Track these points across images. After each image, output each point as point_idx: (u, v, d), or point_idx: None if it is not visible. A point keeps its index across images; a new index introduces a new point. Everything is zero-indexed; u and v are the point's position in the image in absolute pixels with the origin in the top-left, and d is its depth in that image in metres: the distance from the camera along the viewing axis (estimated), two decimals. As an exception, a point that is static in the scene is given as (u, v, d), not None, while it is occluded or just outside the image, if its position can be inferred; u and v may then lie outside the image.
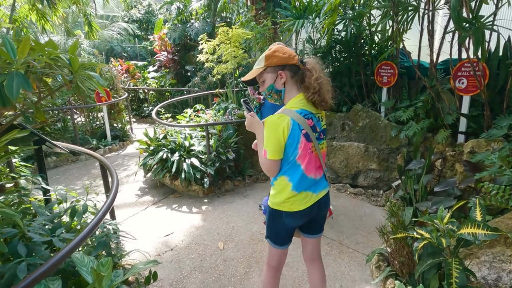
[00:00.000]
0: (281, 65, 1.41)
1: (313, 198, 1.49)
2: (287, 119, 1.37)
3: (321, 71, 1.42)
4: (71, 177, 4.53)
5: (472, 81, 2.76)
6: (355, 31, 4.01)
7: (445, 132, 2.88)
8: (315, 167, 1.47)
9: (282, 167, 1.45)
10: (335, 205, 3.47)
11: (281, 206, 1.48)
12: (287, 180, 1.44)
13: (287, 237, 1.58)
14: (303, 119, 1.39)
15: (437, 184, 2.45)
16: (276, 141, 1.37)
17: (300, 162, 1.43)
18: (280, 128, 1.36)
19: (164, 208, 3.56)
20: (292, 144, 1.39)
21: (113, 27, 12.62)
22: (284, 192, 1.45)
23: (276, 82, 1.45)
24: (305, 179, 1.44)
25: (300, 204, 1.46)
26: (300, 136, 1.38)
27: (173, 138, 4.09)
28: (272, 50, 1.43)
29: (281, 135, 1.36)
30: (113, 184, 1.97)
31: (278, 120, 1.37)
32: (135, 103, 8.88)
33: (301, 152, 1.41)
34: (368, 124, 3.74)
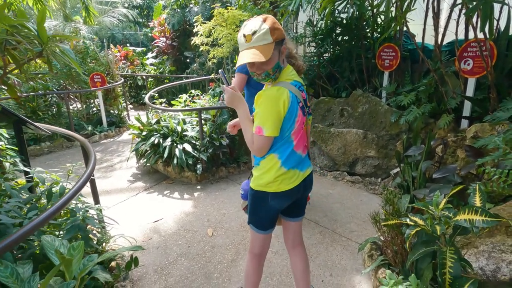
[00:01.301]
0: (282, 39, 1.26)
1: (300, 176, 1.40)
2: (286, 92, 1.25)
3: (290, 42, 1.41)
4: (65, 162, 4.46)
5: (479, 62, 2.58)
6: (356, 12, 3.81)
7: (447, 117, 2.72)
8: (303, 143, 1.40)
9: (274, 144, 1.33)
10: (331, 193, 3.36)
11: (267, 187, 1.37)
12: (276, 158, 1.34)
13: (271, 221, 1.48)
14: (299, 91, 1.31)
15: (437, 170, 2.30)
16: (277, 116, 1.24)
17: (293, 138, 1.34)
18: (281, 101, 1.23)
19: (156, 194, 3.48)
20: (290, 118, 1.28)
21: (113, 13, 12.39)
22: (273, 171, 1.34)
23: (280, 59, 1.28)
24: (294, 155, 1.35)
25: (288, 183, 1.37)
26: (298, 109, 1.29)
27: (165, 123, 3.98)
28: (273, 21, 1.22)
29: (282, 109, 1.24)
30: (89, 164, 1.87)
31: (278, 93, 1.24)
32: (133, 90, 8.76)
33: (297, 127, 1.32)
34: (367, 109, 3.58)
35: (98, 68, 5.86)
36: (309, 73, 4.39)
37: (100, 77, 5.59)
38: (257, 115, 1.26)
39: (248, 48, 1.19)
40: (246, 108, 1.35)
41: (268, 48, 1.18)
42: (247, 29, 1.20)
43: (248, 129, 1.31)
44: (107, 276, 1.66)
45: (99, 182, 3.82)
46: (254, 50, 1.18)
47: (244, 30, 1.21)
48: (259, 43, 1.18)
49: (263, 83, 1.38)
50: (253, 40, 1.18)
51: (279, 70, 1.29)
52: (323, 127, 3.88)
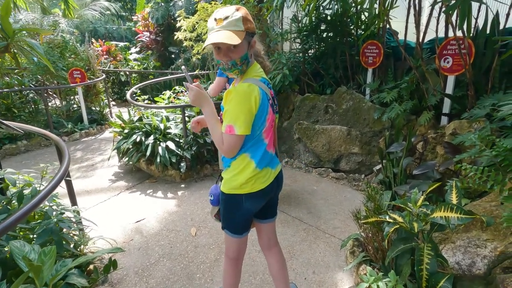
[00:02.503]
0: (253, 32, 1.21)
1: (272, 174, 1.39)
2: (257, 88, 1.21)
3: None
4: (42, 161, 4.28)
5: (458, 60, 2.63)
6: (341, 9, 3.81)
7: (428, 113, 2.77)
8: (273, 141, 1.39)
9: (245, 144, 1.28)
10: (316, 190, 3.38)
11: (241, 189, 1.32)
12: (249, 158, 1.30)
13: (246, 224, 1.45)
14: (268, 88, 1.28)
15: (417, 167, 2.34)
16: (249, 113, 1.19)
17: (264, 136, 1.31)
18: (252, 97, 1.19)
19: (138, 194, 3.40)
20: (261, 116, 1.24)
21: (95, 6, 11.96)
22: (246, 172, 1.30)
23: (249, 52, 1.24)
24: (267, 155, 1.34)
25: (262, 182, 1.33)
26: (268, 107, 1.26)
27: (148, 120, 3.88)
28: (246, 13, 1.17)
29: (253, 105, 1.19)
30: (63, 164, 1.79)
31: (249, 89, 1.19)
32: (116, 86, 8.52)
33: (267, 125, 1.29)
34: (351, 106, 3.61)
35: (77, 64, 5.66)
36: (295, 70, 4.37)
37: (79, 72, 5.39)
38: (227, 113, 1.19)
39: (218, 31, 1.13)
40: (212, 106, 1.27)
41: (239, 34, 1.12)
42: (219, 14, 1.14)
43: (216, 129, 1.23)
44: (82, 280, 1.60)
45: (80, 181, 3.70)
46: (225, 31, 1.12)
47: (216, 15, 1.15)
48: (230, 28, 1.12)
49: (229, 75, 1.28)
50: (224, 24, 1.12)
51: (247, 63, 1.23)
52: (308, 124, 3.88)
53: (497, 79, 2.50)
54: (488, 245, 1.56)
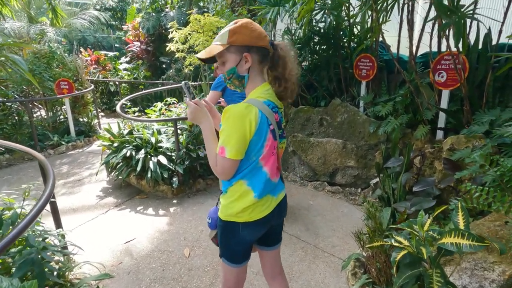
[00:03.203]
0: (247, 46, 1.14)
1: (274, 202, 1.28)
2: (255, 110, 1.12)
3: (294, 59, 1.20)
4: (25, 177, 4.09)
5: (452, 75, 2.64)
6: (334, 22, 3.84)
7: (424, 128, 2.76)
8: (276, 168, 1.27)
9: (240, 169, 1.19)
10: (312, 204, 3.31)
11: (237, 217, 1.23)
12: (246, 185, 1.20)
13: (245, 253, 1.34)
14: (271, 112, 1.17)
15: (416, 183, 2.31)
16: (241, 137, 1.11)
17: (262, 163, 1.19)
18: (247, 120, 1.10)
19: (128, 211, 3.25)
20: (258, 141, 1.14)
21: (84, 15, 11.81)
22: (243, 200, 1.20)
23: (240, 66, 1.17)
24: (268, 184, 1.22)
25: (260, 211, 1.23)
26: (268, 133, 1.16)
27: (139, 134, 3.76)
28: (238, 25, 1.13)
29: (247, 129, 1.11)
30: (47, 187, 1.66)
31: (245, 111, 1.11)
32: (105, 96, 8.34)
33: (266, 151, 1.17)
34: (346, 119, 3.59)
35: (65, 74, 5.49)
36: (288, 82, 4.35)
37: (67, 83, 5.23)
38: (221, 133, 1.13)
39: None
40: (211, 124, 1.22)
41: (215, 48, 1.15)
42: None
43: (211, 149, 1.18)
44: (67, 316, 1.46)
45: (65, 198, 3.52)
46: (210, 46, 1.18)
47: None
48: (215, 42, 1.17)
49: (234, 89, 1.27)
50: (215, 38, 1.18)
51: (237, 78, 1.19)
52: (302, 137, 3.84)
53: (490, 94, 2.52)
54: (496, 268, 1.51)
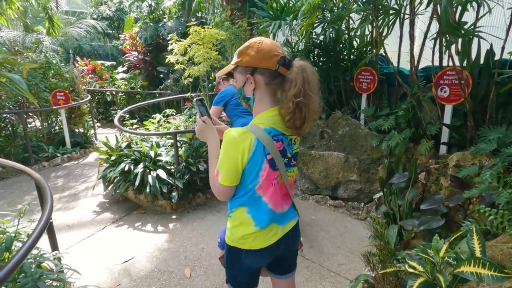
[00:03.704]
0: (252, 67, 1.10)
1: (279, 231, 1.19)
2: (251, 138, 1.06)
3: (307, 82, 1.05)
4: (18, 191, 3.97)
5: (455, 90, 2.65)
6: (334, 35, 3.86)
7: (427, 142, 2.74)
8: (281, 198, 1.18)
9: (239, 194, 1.14)
10: (314, 219, 3.25)
11: (239, 243, 1.18)
12: (246, 213, 1.15)
13: (250, 280, 1.27)
14: (272, 141, 1.08)
15: (423, 200, 2.27)
16: (233, 164, 1.07)
17: (260, 193, 1.12)
18: (240, 148, 1.05)
19: (125, 228, 3.15)
20: (252, 170, 1.08)
21: (80, 24, 11.78)
22: (244, 228, 1.16)
23: (245, 87, 1.14)
24: (272, 214, 1.15)
25: (263, 240, 1.16)
26: (264, 162, 1.08)
27: (137, 147, 3.68)
28: (245, 45, 1.12)
29: (240, 157, 1.06)
30: (45, 210, 1.58)
31: (240, 137, 1.06)
32: (102, 106, 8.25)
33: (262, 181, 1.10)
34: (348, 132, 3.57)
35: (61, 85, 5.42)
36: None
37: (63, 94, 5.15)
38: (220, 155, 1.11)
39: None
40: (216, 143, 1.19)
41: (227, 68, 1.19)
42: None
43: (213, 168, 1.15)
44: None
45: (61, 214, 3.41)
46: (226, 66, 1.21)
47: None
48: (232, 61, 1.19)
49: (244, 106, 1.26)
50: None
51: (244, 99, 1.19)
52: (303, 149, 3.80)
53: (494, 110, 2.52)
54: (513, 294, 1.46)
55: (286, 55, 1.10)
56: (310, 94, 1.05)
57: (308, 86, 1.05)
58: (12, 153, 4.55)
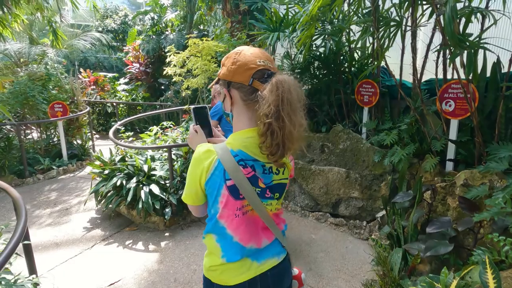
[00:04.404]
0: (227, 80, 0.99)
1: (254, 269, 1.00)
2: (212, 158, 0.93)
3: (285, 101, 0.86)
4: (10, 205, 3.86)
5: (461, 104, 2.52)
6: (334, 47, 3.78)
7: (432, 159, 2.59)
8: (253, 232, 0.99)
9: (208, 219, 1.01)
10: (314, 238, 3.08)
11: (209, 274, 1.04)
12: (215, 241, 1.00)
13: None
14: (236, 165, 0.92)
15: (429, 222, 2.11)
16: (193, 182, 0.96)
17: (223, 223, 0.97)
18: (201, 166, 0.94)
19: (115, 246, 3.01)
20: (211, 194, 0.96)
21: (85, 37, 11.98)
22: (213, 257, 1.01)
23: (225, 102, 1.03)
24: (240, 248, 0.98)
25: (232, 276, 0.99)
26: (222, 188, 0.93)
27: (131, 160, 3.58)
28: (226, 56, 1.01)
29: (198, 177, 0.94)
30: (15, 235, 1.46)
31: (203, 155, 0.94)
32: (102, 117, 8.23)
33: (222, 209, 0.95)
34: (349, 146, 3.43)
35: (60, 96, 5.39)
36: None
37: (61, 106, 5.11)
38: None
39: None
40: None
41: (215, 80, 1.09)
42: None
43: None
44: None
45: (49, 230, 3.28)
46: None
47: None
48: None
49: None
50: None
51: (226, 114, 1.07)
52: (303, 164, 3.66)
53: (503, 125, 2.38)
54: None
55: (269, 67, 0.96)
56: (287, 116, 0.86)
57: (286, 106, 0.87)
58: (6, 165, 4.47)
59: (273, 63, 0.99)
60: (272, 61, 0.99)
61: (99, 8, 12.65)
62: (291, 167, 1.05)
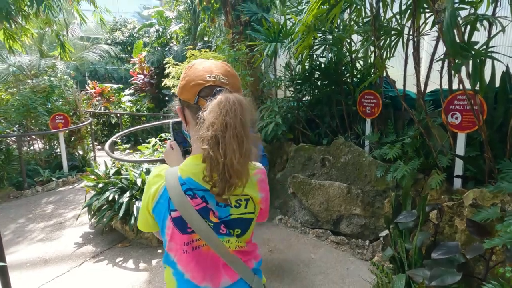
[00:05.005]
0: (181, 99, 0.89)
1: None
2: (159, 185, 0.83)
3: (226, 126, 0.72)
4: (4, 218, 3.81)
5: (468, 116, 2.35)
6: (334, 57, 3.68)
7: (439, 175, 2.41)
8: (212, 270, 0.86)
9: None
10: (314, 259, 2.90)
11: None
12: (172, 274, 0.88)
13: None
14: (182, 195, 0.80)
15: (435, 246, 1.93)
16: (142, 208, 0.87)
17: (173, 257, 0.85)
18: (149, 192, 0.84)
19: (105, 264, 2.89)
20: (158, 224, 0.86)
21: (95, 49, 12.25)
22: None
23: (185, 122, 0.92)
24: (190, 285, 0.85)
25: None
26: (167, 219, 0.82)
27: (126, 174, 3.50)
28: (183, 72, 0.91)
29: (146, 203, 0.84)
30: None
31: (152, 180, 0.85)
32: (106, 128, 8.29)
33: (169, 243, 0.84)
34: (350, 160, 3.27)
35: (63, 108, 5.42)
36: (288, 117, 4.12)
37: (63, 117, 5.13)
38: None
39: None
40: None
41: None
42: None
43: None
44: None
45: (40, 246, 3.20)
46: None
47: None
48: None
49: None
50: None
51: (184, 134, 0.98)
52: (303, 178, 3.51)
53: (515, 139, 2.20)
54: None
55: (222, 83, 0.83)
56: (229, 144, 0.73)
57: (229, 131, 0.73)
58: (5, 177, 4.46)
59: (233, 78, 0.88)
60: (232, 76, 0.88)
61: (107, 22, 12.97)
62: (259, 199, 0.90)
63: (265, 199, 0.93)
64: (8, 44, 6.34)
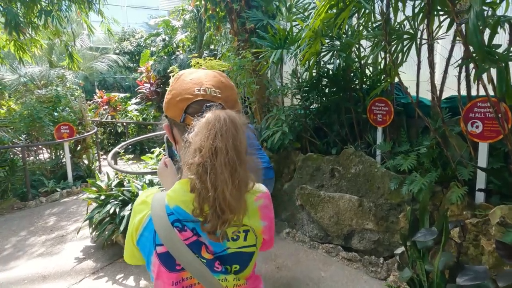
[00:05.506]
0: (169, 117, 0.78)
1: None
2: (144, 214, 0.71)
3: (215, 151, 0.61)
4: (6, 231, 3.75)
5: (490, 125, 2.17)
6: (343, 64, 3.54)
7: (459, 189, 2.23)
8: None
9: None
10: (323, 277, 2.71)
11: None
12: None
13: None
14: (170, 228, 0.68)
15: (460, 269, 1.74)
16: (127, 239, 0.75)
17: None
18: (134, 220, 0.72)
19: (104, 281, 2.77)
20: (144, 258, 0.75)
21: (103, 59, 12.43)
22: None
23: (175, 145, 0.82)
24: None
25: None
26: (152, 255, 0.71)
27: (128, 186, 3.40)
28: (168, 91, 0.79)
29: (131, 234, 0.73)
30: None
31: (137, 208, 0.74)
32: (113, 137, 8.29)
33: (155, 280, 0.74)
34: (361, 171, 3.10)
35: (69, 118, 5.41)
36: (295, 126, 3.98)
37: (68, 127, 5.10)
38: None
39: None
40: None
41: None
42: None
43: None
44: None
45: (39, 261, 3.10)
46: None
47: None
48: None
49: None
50: None
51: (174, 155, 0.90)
52: (311, 189, 3.35)
53: (544, 150, 2.01)
54: None
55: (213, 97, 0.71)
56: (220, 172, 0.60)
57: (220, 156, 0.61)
58: (10, 188, 4.42)
59: (227, 91, 0.75)
60: (226, 89, 0.75)
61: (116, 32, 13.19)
62: (261, 229, 0.76)
63: (269, 228, 0.79)
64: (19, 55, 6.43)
